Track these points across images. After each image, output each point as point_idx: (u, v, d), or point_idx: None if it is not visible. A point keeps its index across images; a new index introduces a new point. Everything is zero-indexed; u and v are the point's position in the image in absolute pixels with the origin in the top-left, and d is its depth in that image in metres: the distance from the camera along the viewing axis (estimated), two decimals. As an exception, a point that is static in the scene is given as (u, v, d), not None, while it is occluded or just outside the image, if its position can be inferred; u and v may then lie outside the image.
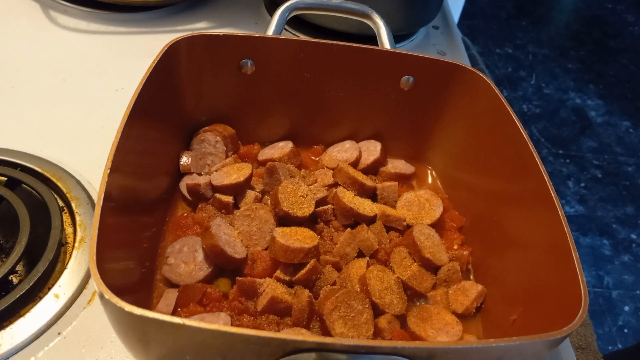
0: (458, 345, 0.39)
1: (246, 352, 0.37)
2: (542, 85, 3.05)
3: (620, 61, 3.32)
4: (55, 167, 0.67)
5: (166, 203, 0.65)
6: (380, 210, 0.65)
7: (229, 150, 0.71)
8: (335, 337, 0.48)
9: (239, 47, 0.67)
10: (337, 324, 0.51)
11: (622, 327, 1.92)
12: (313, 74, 0.70)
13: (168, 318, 0.36)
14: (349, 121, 0.75)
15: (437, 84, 0.70)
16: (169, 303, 0.53)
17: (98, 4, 0.97)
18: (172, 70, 0.64)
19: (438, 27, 1.14)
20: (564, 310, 0.45)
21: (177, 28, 0.99)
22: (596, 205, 2.36)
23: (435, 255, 0.61)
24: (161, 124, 0.64)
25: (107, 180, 0.45)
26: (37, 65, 0.85)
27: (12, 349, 0.50)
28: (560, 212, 0.51)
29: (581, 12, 3.85)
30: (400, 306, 0.56)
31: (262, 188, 0.67)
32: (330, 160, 0.73)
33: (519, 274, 0.57)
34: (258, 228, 0.60)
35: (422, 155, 0.78)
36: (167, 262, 0.57)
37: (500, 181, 0.64)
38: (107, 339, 0.53)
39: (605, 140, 2.71)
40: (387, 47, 0.71)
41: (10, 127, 0.73)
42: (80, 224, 0.62)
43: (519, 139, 0.59)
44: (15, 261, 0.55)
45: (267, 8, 1.08)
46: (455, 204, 0.71)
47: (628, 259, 2.14)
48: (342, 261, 0.60)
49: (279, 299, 0.53)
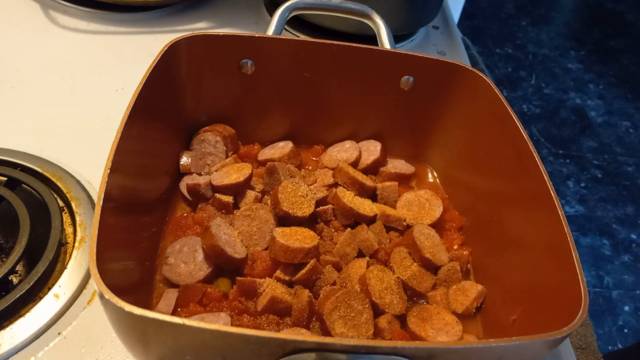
0: (458, 345, 0.39)
1: (246, 352, 0.37)
2: (542, 85, 3.05)
3: (620, 61, 3.32)
4: (55, 167, 0.67)
5: (166, 203, 0.65)
6: (380, 210, 0.65)
7: (229, 150, 0.71)
8: (335, 337, 0.48)
9: (239, 47, 0.67)
10: (337, 324, 0.51)
11: (622, 327, 1.92)
12: (313, 74, 0.70)
13: (168, 318, 0.36)
14: (349, 121, 0.75)
15: (437, 84, 0.70)
16: (169, 303, 0.53)
17: (98, 4, 0.97)
18: (172, 70, 0.64)
19: (438, 27, 1.14)
20: (564, 310, 0.45)
21: (177, 28, 0.99)
22: (596, 205, 2.36)
23: (435, 255, 0.61)
24: (161, 124, 0.64)
25: (107, 180, 0.45)
26: (37, 65, 0.85)
27: (12, 349, 0.50)
28: (560, 212, 0.51)
29: (581, 12, 3.85)
30: (400, 306, 0.56)
31: (262, 188, 0.67)
32: (330, 160, 0.73)
33: (519, 274, 0.57)
34: (258, 228, 0.60)
35: (422, 155, 0.78)
36: (167, 262, 0.57)
37: (500, 181, 0.64)
38: (107, 339, 0.53)
39: (605, 140, 2.71)
40: (387, 47, 0.71)
41: (10, 127, 0.73)
42: (80, 224, 0.62)
43: (519, 139, 0.59)
44: (15, 261, 0.55)
45: (267, 8, 1.08)
46: (455, 204, 0.71)
47: (628, 259, 2.14)
48: (342, 261, 0.60)
49: (279, 299, 0.53)
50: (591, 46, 3.43)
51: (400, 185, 0.71)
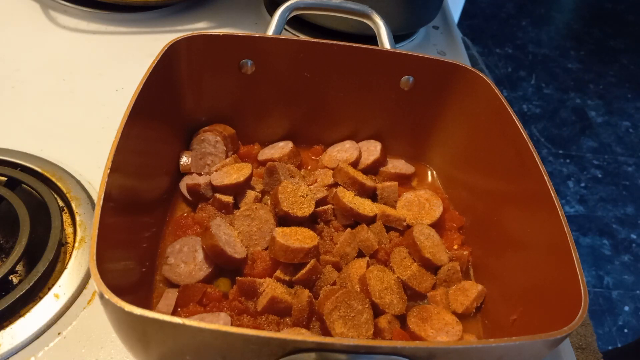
0: (458, 345, 0.39)
1: (246, 352, 0.37)
2: (542, 85, 3.05)
3: (620, 61, 3.32)
4: (55, 167, 0.67)
5: (166, 203, 0.65)
6: (380, 210, 0.65)
7: (229, 150, 0.71)
8: (335, 337, 0.48)
9: (239, 47, 0.67)
10: (337, 324, 0.51)
11: (622, 327, 1.92)
12: (313, 74, 0.70)
13: (168, 318, 0.36)
14: (349, 121, 0.75)
15: (437, 84, 0.70)
16: (169, 303, 0.53)
17: (98, 4, 0.97)
18: (172, 70, 0.64)
19: (438, 27, 1.14)
20: (564, 310, 0.45)
21: (177, 28, 0.99)
22: (596, 205, 2.36)
23: (435, 255, 0.61)
24: (161, 124, 0.64)
25: (107, 180, 0.45)
26: (37, 65, 0.85)
27: (12, 349, 0.50)
28: (560, 212, 0.51)
29: (581, 12, 3.85)
30: (400, 306, 0.56)
31: (262, 188, 0.67)
32: (330, 160, 0.73)
33: (519, 274, 0.57)
34: (258, 228, 0.60)
35: (422, 155, 0.78)
36: (167, 262, 0.57)
37: (500, 181, 0.64)
38: (107, 339, 0.53)
39: (605, 140, 2.71)
40: (387, 47, 0.71)
41: (10, 127, 0.73)
42: (80, 224, 0.62)
43: (519, 139, 0.59)
44: (15, 261, 0.55)
45: (267, 8, 1.08)
46: (455, 204, 0.71)
47: (628, 259, 2.14)
48: (342, 261, 0.60)
49: (279, 299, 0.53)
50: (591, 46, 3.43)
51: (400, 185, 0.71)
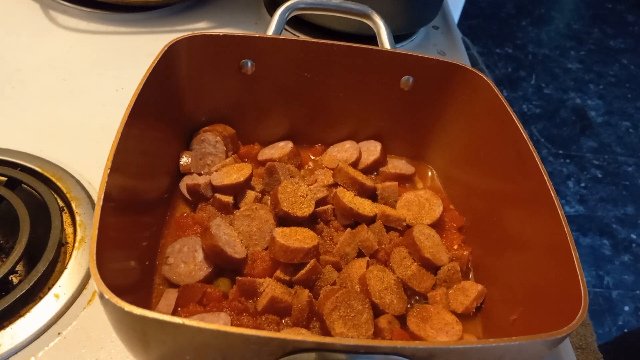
0: (458, 345, 0.39)
1: (246, 352, 0.37)
2: (542, 85, 3.05)
3: (620, 61, 3.32)
4: (55, 167, 0.67)
5: (166, 203, 0.65)
6: (380, 210, 0.65)
7: (229, 150, 0.71)
8: (335, 337, 0.48)
9: (239, 47, 0.67)
10: (337, 324, 0.51)
11: (622, 327, 1.92)
12: (313, 74, 0.70)
13: (168, 318, 0.36)
14: (349, 121, 0.75)
15: (437, 84, 0.70)
16: (169, 303, 0.53)
17: (98, 4, 0.97)
18: (172, 70, 0.64)
19: (438, 27, 1.14)
20: (564, 310, 0.45)
21: (177, 28, 0.99)
22: (596, 205, 2.36)
23: (435, 255, 0.61)
24: (161, 124, 0.64)
25: (107, 180, 0.45)
26: (37, 65, 0.85)
27: (12, 349, 0.50)
28: (560, 212, 0.51)
29: (581, 12, 3.85)
30: (400, 306, 0.56)
31: (262, 188, 0.67)
32: (330, 160, 0.73)
33: (518, 274, 0.57)
34: (258, 228, 0.60)
35: (422, 155, 0.78)
36: (167, 262, 0.57)
37: (500, 181, 0.64)
38: (107, 339, 0.53)
39: (605, 140, 2.71)
40: (387, 47, 0.71)
41: (10, 127, 0.73)
42: (80, 224, 0.62)
43: (519, 139, 0.59)
44: (15, 261, 0.55)
45: (267, 8, 1.08)
46: (455, 204, 0.71)
47: (628, 259, 2.14)
48: (342, 261, 0.60)
49: (279, 299, 0.53)
50: (591, 46, 3.43)
51: (400, 185, 0.71)
